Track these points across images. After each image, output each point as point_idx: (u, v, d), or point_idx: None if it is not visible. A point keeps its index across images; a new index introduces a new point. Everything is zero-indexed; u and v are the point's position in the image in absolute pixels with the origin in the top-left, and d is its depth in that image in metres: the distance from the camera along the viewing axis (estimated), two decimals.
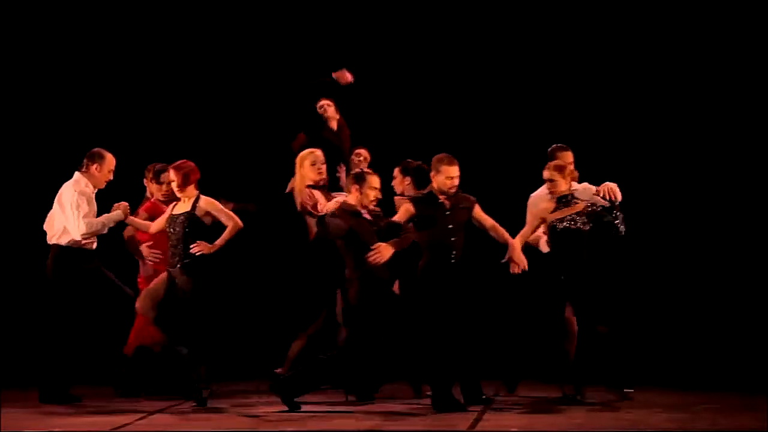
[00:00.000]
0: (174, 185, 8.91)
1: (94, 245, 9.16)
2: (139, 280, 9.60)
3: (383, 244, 8.40)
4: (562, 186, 8.76)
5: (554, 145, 9.20)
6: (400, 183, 9.32)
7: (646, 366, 9.82)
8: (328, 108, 9.85)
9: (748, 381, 9.90)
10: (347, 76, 9.94)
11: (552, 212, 8.76)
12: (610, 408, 8.46)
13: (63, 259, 9.04)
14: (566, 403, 8.67)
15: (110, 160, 9.13)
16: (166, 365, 9.38)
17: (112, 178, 9.17)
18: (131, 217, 9.16)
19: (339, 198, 8.95)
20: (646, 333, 10.74)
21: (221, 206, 8.92)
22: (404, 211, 8.68)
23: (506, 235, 8.74)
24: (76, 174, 9.11)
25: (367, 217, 8.56)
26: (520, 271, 8.67)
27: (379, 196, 8.64)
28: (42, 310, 9.24)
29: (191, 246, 8.78)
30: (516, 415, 8.19)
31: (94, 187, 9.10)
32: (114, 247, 9.58)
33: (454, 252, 8.63)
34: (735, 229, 11.19)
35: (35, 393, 9.19)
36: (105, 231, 9.06)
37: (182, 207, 8.93)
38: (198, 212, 8.85)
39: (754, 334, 10.81)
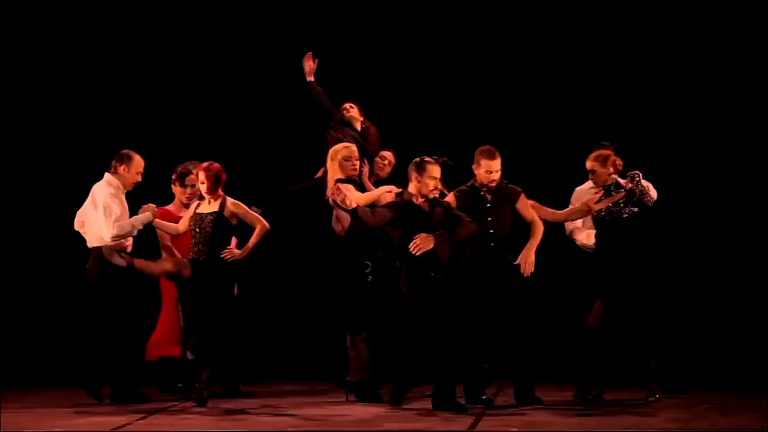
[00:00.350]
0: (203, 187, 8.86)
1: (129, 248, 9.07)
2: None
3: (424, 234, 8.35)
4: (605, 176, 8.77)
5: (597, 144, 9.17)
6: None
7: (645, 366, 9.80)
8: (350, 110, 9.81)
9: (748, 381, 9.89)
10: (310, 64, 9.91)
11: (596, 203, 8.78)
12: (610, 408, 8.46)
13: (105, 262, 8.93)
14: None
15: (138, 161, 9.07)
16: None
17: (140, 179, 9.10)
18: (158, 220, 9.09)
19: (390, 187, 8.91)
20: (646, 333, 10.72)
21: (247, 208, 8.91)
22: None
23: (536, 234, 8.73)
24: (107, 175, 9.04)
25: (425, 207, 8.51)
26: (528, 274, 8.68)
27: (439, 186, 8.57)
28: (87, 313, 9.13)
29: (222, 253, 8.76)
30: (516, 415, 8.18)
31: (123, 188, 9.04)
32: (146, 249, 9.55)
33: (493, 244, 8.65)
34: (735, 229, 11.19)
35: (35, 393, 9.19)
36: (134, 233, 8.98)
37: (208, 207, 8.88)
38: (226, 213, 8.83)
39: (754, 334, 10.81)
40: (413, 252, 8.30)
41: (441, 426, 7.72)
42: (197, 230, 8.86)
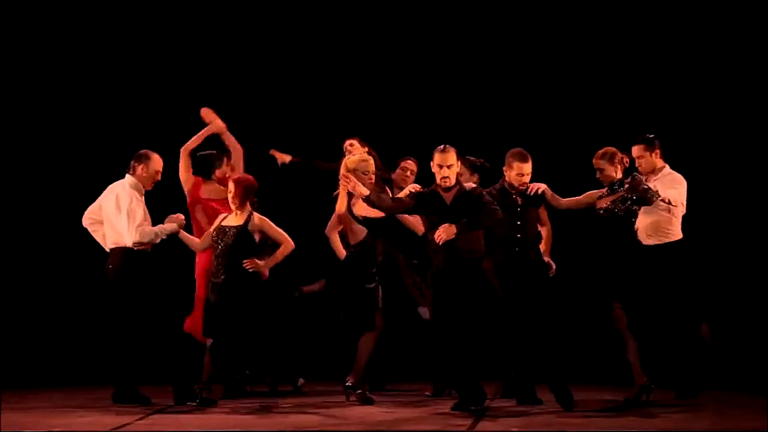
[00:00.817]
0: (230, 197, 8.82)
1: (150, 247, 8.97)
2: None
3: (447, 224, 8.28)
4: (611, 174, 8.78)
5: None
6: (467, 181, 9.17)
7: (645, 366, 9.80)
8: (351, 148, 9.63)
9: (748, 381, 9.89)
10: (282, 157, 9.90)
11: (599, 198, 8.80)
12: (609, 408, 8.46)
13: (126, 263, 8.86)
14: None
15: (157, 160, 9.00)
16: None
17: (159, 179, 9.04)
18: (183, 233, 8.99)
19: (414, 186, 8.79)
20: (645, 333, 10.72)
21: (274, 225, 8.87)
22: None
23: (547, 238, 8.96)
24: (128, 177, 8.97)
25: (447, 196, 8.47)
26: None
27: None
28: (107, 312, 9.01)
29: (244, 261, 8.72)
30: (516, 415, 8.18)
31: (143, 188, 8.97)
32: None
33: (521, 247, 8.72)
34: (735, 229, 11.18)
35: (35, 393, 9.19)
36: (157, 241, 8.89)
37: (234, 220, 8.84)
38: (251, 227, 8.78)
39: (754, 335, 10.81)
40: (437, 241, 8.25)
41: (441, 426, 7.72)
42: (219, 242, 8.80)
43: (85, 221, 9.16)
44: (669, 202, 8.94)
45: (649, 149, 9.17)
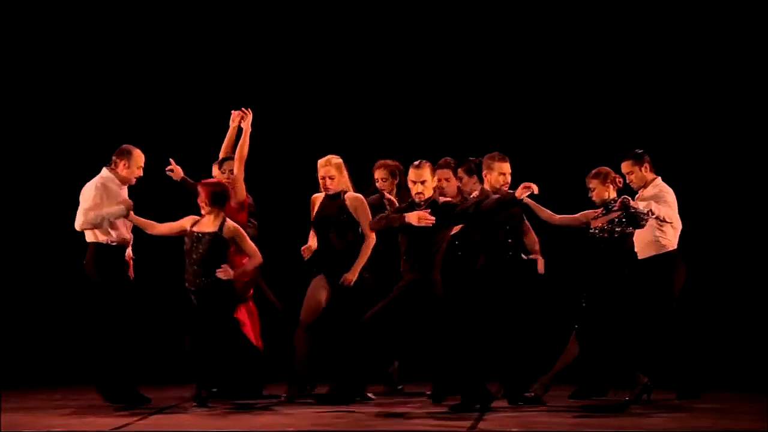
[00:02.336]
0: (201, 201, 8.68)
1: (125, 242, 8.94)
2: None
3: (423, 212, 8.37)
4: (603, 193, 8.75)
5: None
6: (467, 183, 9.19)
7: (645, 366, 9.81)
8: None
9: (748, 381, 9.89)
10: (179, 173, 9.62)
11: (594, 218, 8.77)
12: (609, 408, 8.46)
13: (99, 257, 8.85)
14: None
15: (138, 155, 8.99)
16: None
17: (142, 174, 9.02)
18: (133, 215, 8.90)
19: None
20: (645, 333, 10.73)
21: (246, 236, 8.75)
22: None
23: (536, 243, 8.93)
24: (103, 170, 8.99)
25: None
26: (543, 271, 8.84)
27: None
28: (87, 310, 9.05)
29: (217, 270, 8.60)
30: (516, 415, 8.18)
31: (123, 183, 8.96)
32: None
33: (510, 252, 8.71)
34: (734, 229, 11.19)
35: (35, 393, 9.18)
36: (104, 225, 8.83)
37: (206, 226, 8.71)
38: (225, 234, 8.65)
39: (754, 334, 10.81)
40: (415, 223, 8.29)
41: (441, 426, 7.72)
42: (194, 249, 8.64)
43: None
44: (664, 219, 8.96)
45: (637, 164, 9.19)
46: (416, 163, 8.52)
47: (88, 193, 8.92)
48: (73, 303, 11.37)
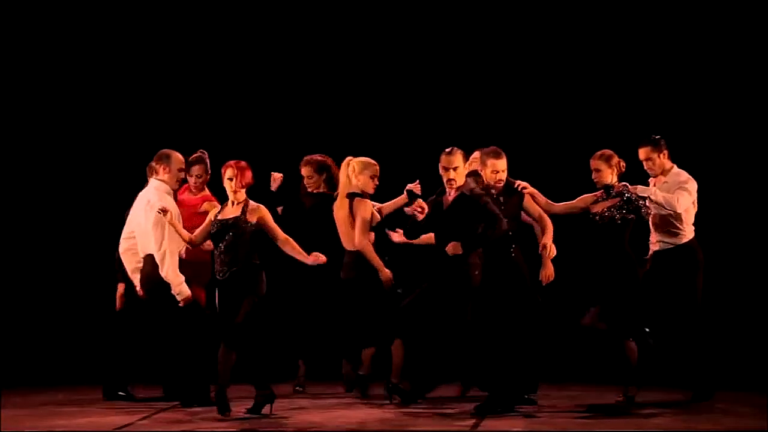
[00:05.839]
0: (233, 183, 8.21)
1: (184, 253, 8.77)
2: None
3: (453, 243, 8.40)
4: (607, 176, 8.67)
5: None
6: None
7: (645, 366, 9.82)
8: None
9: (748, 381, 9.90)
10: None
11: (594, 203, 8.71)
12: (610, 408, 8.46)
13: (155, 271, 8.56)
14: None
15: (177, 157, 8.72)
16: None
17: (183, 176, 8.80)
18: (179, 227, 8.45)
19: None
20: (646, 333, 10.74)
21: (270, 217, 8.38)
22: None
23: (547, 232, 8.61)
24: (152, 180, 8.73)
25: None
26: (546, 282, 8.66)
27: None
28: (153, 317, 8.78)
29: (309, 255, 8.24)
30: (516, 416, 8.18)
31: (170, 189, 8.70)
32: None
33: (513, 246, 8.60)
34: (734, 229, 11.18)
35: (35, 393, 9.17)
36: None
37: (230, 211, 8.30)
38: (250, 217, 8.25)
39: (754, 334, 10.81)
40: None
41: (442, 426, 7.73)
42: (221, 235, 8.23)
43: (121, 248, 8.86)
44: (663, 206, 8.76)
45: (656, 150, 8.90)
46: (448, 150, 8.46)
47: (150, 229, 8.50)
48: (73, 303, 11.40)
